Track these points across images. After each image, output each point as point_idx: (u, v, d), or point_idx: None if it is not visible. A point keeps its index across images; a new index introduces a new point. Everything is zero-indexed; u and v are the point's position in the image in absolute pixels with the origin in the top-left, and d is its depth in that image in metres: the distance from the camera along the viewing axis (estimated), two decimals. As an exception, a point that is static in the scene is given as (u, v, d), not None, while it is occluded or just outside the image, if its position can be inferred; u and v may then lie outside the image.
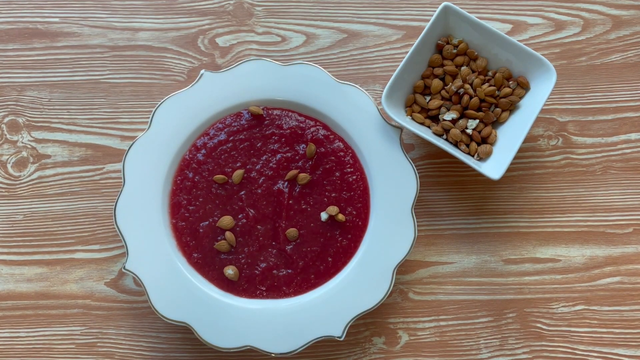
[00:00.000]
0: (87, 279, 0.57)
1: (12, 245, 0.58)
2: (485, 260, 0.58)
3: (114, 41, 0.61)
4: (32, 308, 0.56)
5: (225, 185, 0.55)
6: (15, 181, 0.58)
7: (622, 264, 0.58)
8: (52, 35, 0.61)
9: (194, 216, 0.55)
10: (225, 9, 0.62)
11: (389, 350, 0.56)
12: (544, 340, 0.56)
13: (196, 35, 0.61)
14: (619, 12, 0.62)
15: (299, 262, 0.54)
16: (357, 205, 0.55)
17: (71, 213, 0.58)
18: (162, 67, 0.60)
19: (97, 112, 0.60)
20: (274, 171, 0.56)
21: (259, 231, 0.55)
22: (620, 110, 0.60)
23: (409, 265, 0.57)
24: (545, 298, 0.57)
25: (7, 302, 0.56)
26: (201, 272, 0.54)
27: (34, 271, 0.57)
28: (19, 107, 0.60)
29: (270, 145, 0.56)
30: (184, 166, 0.56)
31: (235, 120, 0.56)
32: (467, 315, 0.57)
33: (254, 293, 0.54)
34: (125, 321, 0.56)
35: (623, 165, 0.59)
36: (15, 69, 0.60)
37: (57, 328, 0.56)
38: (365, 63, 0.61)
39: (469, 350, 0.56)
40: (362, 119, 0.56)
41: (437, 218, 0.58)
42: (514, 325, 0.57)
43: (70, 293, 0.57)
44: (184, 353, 0.56)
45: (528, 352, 0.56)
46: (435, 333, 0.56)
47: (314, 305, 0.53)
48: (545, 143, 0.60)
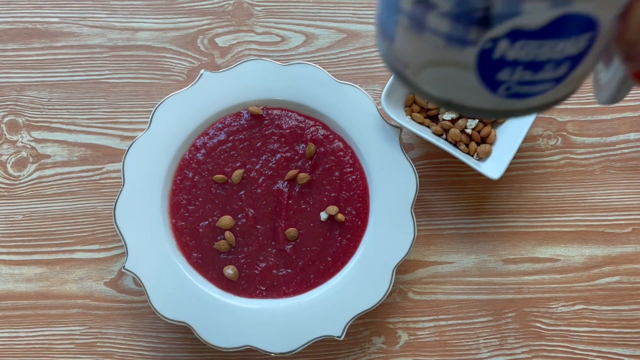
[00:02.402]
0: (87, 279, 0.57)
1: (12, 245, 0.57)
2: (484, 260, 0.58)
3: (113, 41, 0.61)
4: (32, 308, 0.56)
5: (224, 185, 0.55)
6: (14, 181, 0.58)
7: (621, 263, 0.58)
8: (51, 35, 0.61)
9: (194, 216, 0.55)
10: (224, 9, 0.62)
11: (388, 350, 0.56)
12: (543, 339, 0.56)
13: (196, 35, 0.61)
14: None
15: (299, 262, 0.54)
16: (356, 205, 0.55)
17: (71, 213, 0.58)
18: (161, 67, 0.60)
19: (97, 112, 0.60)
20: (274, 171, 0.56)
21: (259, 231, 0.55)
22: (619, 110, 0.60)
23: (409, 265, 0.58)
24: (544, 298, 0.57)
25: (6, 302, 0.56)
26: (201, 272, 0.54)
27: (34, 271, 0.57)
28: (19, 107, 0.59)
29: (270, 145, 0.56)
30: (183, 166, 0.56)
31: (235, 120, 0.57)
32: (466, 315, 0.57)
33: (254, 293, 0.54)
34: (125, 321, 0.56)
35: (622, 165, 0.59)
36: (14, 69, 0.60)
37: (56, 328, 0.56)
38: (365, 63, 0.61)
39: (469, 349, 0.56)
40: (361, 118, 0.56)
41: (437, 218, 0.59)
42: (513, 324, 0.57)
43: (70, 293, 0.57)
44: (183, 353, 0.56)
45: (527, 352, 0.56)
46: (435, 333, 0.56)
47: (314, 305, 0.53)
48: (544, 143, 0.60)
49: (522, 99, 0.22)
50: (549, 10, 0.19)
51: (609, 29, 0.21)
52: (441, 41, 0.21)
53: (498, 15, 0.19)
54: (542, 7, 0.19)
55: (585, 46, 0.21)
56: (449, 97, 0.23)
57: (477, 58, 0.21)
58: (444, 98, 0.23)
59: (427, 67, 0.22)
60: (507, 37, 0.20)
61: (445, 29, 0.20)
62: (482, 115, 0.23)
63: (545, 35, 0.20)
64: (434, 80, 0.23)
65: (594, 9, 0.20)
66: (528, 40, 0.20)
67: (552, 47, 0.20)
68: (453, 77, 0.22)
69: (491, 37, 0.20)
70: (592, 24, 0.20)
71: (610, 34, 0.21)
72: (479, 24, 0.20)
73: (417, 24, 0.21)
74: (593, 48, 0.21)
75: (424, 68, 0.22)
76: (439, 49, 0.21)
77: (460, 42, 0.20)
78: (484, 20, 0.20)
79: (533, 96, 0.22)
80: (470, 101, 0.23)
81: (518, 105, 0.23)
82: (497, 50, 0.20)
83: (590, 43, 0.21)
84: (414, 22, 0.21)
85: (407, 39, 0.22)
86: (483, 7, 0.19)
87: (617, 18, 0.21)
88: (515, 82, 0.21)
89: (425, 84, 0.23)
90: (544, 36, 0.20)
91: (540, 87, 0.22)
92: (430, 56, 0.22)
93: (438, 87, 0.23)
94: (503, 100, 0.22)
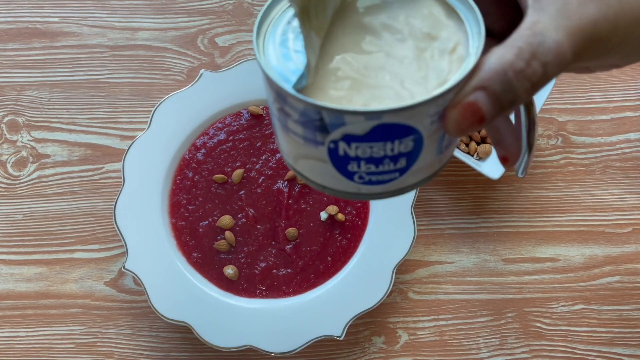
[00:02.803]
0: (87, 279, 0.57)
1: (12, 245, 0.57)
2: (484, 259, 0.58)
3: (113, 41, 0.61)
4: (32, 308, 0.56)
5: (224, 185, 0.55)
6: (14, 181, 0.58)
7: (621, 263, 0.58)
8: (51, 35, 0.61)
9: (194, 216, 0.55)
10: (224, 8, 0.62)
11: (388, 349, 0.56)
12: (544, 339, 0.56)
13: (196, 35, 0.61)
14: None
15: (299, 262, 0.54)
16: (356, 205, 0.55)
17: (71, 213, 0.58)
18: (161, 66, 0.60)
19: (97, 111, 0.60)
20: (274, 171, 0.56)
21: (259, 231, 0.55)
22: (619, 110, 0.60)
23: (409, 265, 0.57)
24: (544, 297, 0.57)
25: (6, 302, 0.56)
26: (201, 272, 0.54)
27: (34, 271, 0.57)
28: (19, 107, 0.59)
29: (270, 145, 0.56)
30: (183, 166, 0.56)
31: (235, 119, 0.57)
32: (466, 315, 0.57)
33: (254, 292, 0.54)
34: (125, 321, 0.56)
35: (622, 164, 0.59)
36: (14, 68, 0.60)
37: (56, 328, 0.56)
38: (365, 63, 0.61)
39: (469, 349, 0.56)
40: (361, 118, 0.56)
41: (437, 217, 0.58)
42: (514, 324, 0.57)
43: (70, 293, 0.57)
44: (183, 353, 0.56)
45: (527, 352, 0.56)
46: (435, 332, 0.56)
47: (314, 304, 0.53)
48: (544, 143, 0.60)
49: (376, 185, 0.27)
50: (366, 121, 0.23)
51: (432, 130, 0.24)
52: (301, 140, 0.26)
53: (330, 125, 0.24)
54: (359, 119, 0.23)
55: (414, 145, 0.25)
56: (322, 183, 0.27)
57: (328, 154, 0.25)
58: (319, 183, 0.28)
59: (299, 158, 0.27)
60: (342, 139, 0.24)
61: (300, 132, 0.25)
62: (350, 197, 0.28)
63: (372, 139, 0.24)
64: (307, 168, 0.27)
65: (404, 120, 0.23)
66: (360, 142, 0.24)
67: (383, 147, 0.24)
68: (319, 168, 0.26)
69: (331, 140, 0.24)
70: (410, 129, 0.24)
71: (439, 131, 0.25)
72: (320, 130, 0.24)
73: (283, 126, 0.26)
74: (424, 145, 0.25)
75: (297, 159, 0.27)
76: (302, 146, 0.26)
77: (313, 142, 0.25)
78: (323, 128, 0.24)
79: (385, 183, 0.26)
80: (338, 186, 0.27)
81: (376, 190, 0.27)
82: (339, 149, 0.25)
83: (418, 142, 0.25)
84: (282, 124, 0.26)
85: (281, 137, 0.27)
86: (319, 118, 0.24)
87: (436, 122, 0.24)
88: (364, 173, 0.26)
89: (303, 171, 0.28)
90: (371, 139, 0.24)
91: (387, 176, 0.26)
92: (297, 151, 0.27)
93: (312, 174, 0.27)
94: (362, 186, 0.27)
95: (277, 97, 0.25)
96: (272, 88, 0.25)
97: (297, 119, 0.25)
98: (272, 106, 0.26)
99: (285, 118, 0.25)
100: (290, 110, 0.24)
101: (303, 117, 0.24)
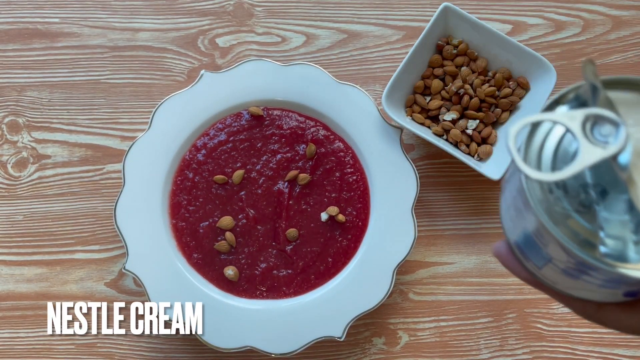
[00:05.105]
0: (87, 280, 0.57)
1: (12, 245, 0.57)
2: (485, 260, 0.58)
3: (114, 41, 0.61)
4: (32, 308, 0.56)
5: (225, 186, 0.55)
6: (15, 181, 0.58)
7: (622, 264, 0.58)
8: (52, 35, 0.61)
9: (194, 216, 0.55)
10: (225, 9, 0.62)
11: (389, 350, 0.56)
12: (544, 340, 0.56)
13: (196, 36, 0.61)
14: (619, 12, 0.62)
15: (299, 263, 0.54)
16: (357, 206, 0.55)
17: (71, 213, 0.58)
18: (162, 67, 0.60)
19: (97, 112, 0.60)
20: (274, 171, 0.56)
21: (259, 231, 0.55)
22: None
23: (409, 266, 0.57)
24: (545, 298, 0.57)
25: (7, 303, 0.56)
26: (201, 273, 0.54)
27: (34, 271, 0.57)
28: (19, 108, 0.59)
29: (270, 146, 0.56)
30: (184, 166, 0.56)
31: (235, 120, 0.56)
32: (467, 316, 0.57)
33: (254, 293, 0.54)
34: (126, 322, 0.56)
35: (623, 165, 0.59)
36: (15, 69, 0.60)
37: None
38: (366, 63, 0.61)
39: (469, 350, 0.56)
40: (362, 119, 0.56)
41: (438, 218, 0.58)
42: (514, 325, 0.57)
43: (70, 293, 0.57)
44: (184, 353, 0.56)
45: (528, 353, 0.56)
46: (436, 333, 0.56)
47: (314, 305, 0.53)
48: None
49: None
50: None
51: None
52: (594, 287, 0.27)
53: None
54: None
55: None
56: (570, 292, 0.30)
57: (623, 295, 0.28)
58: (565, 291, 0.30)
59: (569, 289, 0.29)
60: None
61: (596, 283, 0.27)
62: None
63: None
64: (570, 287, 0.29)
65: None
66: None
67: None
68: (590, 291, 0.29)
69: (629, 291, 0.27)
70: None
71: None
72: (622, 287, 0.27)
73: (572, 275, 0.27)
74: None
75: (566, 287, 0.30)
76: (588, 285, 0.27)
77: (609, 289, 0.27)
78: (627, 286, 0.26)
79: None
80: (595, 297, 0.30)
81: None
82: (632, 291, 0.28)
83: None
84: (568, 272, 0.27)
85: (558, 276, 0.29)
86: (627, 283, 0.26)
87: None
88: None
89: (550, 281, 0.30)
90: None
91: None
92: (585, 294, 0.29)
93: (566, 288, 0.30)
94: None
95: (581, 265, 0.26)
96: (572, 257, 0.26)
97: (599, 278, 0.26)
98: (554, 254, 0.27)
99: (579, 273, 0.27)
100: (593, 272, 0.26)
101: (607, 278, 0.26)
